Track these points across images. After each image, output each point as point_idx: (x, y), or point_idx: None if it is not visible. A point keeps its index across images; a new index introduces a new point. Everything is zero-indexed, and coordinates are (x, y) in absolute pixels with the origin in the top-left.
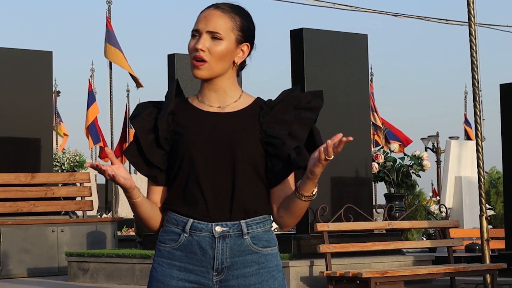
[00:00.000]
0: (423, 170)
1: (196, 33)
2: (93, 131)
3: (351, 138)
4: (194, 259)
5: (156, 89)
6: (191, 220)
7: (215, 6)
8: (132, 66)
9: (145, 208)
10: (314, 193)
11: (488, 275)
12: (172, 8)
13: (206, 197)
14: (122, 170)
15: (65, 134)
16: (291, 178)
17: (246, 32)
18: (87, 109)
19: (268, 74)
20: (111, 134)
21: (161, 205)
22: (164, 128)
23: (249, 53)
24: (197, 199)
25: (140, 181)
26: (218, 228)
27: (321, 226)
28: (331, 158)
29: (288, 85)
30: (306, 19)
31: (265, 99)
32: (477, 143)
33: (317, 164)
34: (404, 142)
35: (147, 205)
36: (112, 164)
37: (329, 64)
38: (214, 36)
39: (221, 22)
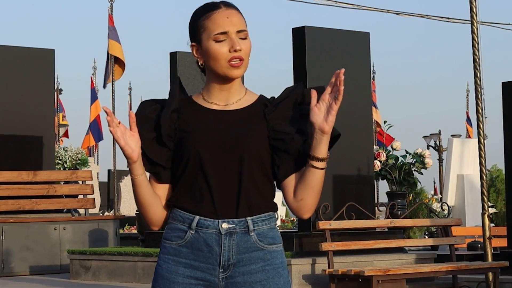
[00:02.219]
0: (425, 168)
1: (223, 36)
2: (94, 129)
3: (343, 70)
4: (200, 256)
5: (158, 87)
6: (198, 217)
7: (225, 5)
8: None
9: (145, 190)
10: (329, 155)
11: (490, 273)
12: (174, 6)
13: (213, 194)
14: (134, 139)
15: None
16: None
17: None
18: (90, 106)
19: (270, 72)
20: None
21: (166, 202)
22: (167, 126)
23: None
24: (204, 196)
25: None
26: (224, 225)
27: (323, 224)
28: (340, 99)
29: (290, 83)
30: (308, 17)
31: (268, 97)
32: (479, 141)
33: (330, 113)
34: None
35: (148, 188)
36: (130, 129)
37: (331, 62)
38: (242, 34)
39: (242, 20)
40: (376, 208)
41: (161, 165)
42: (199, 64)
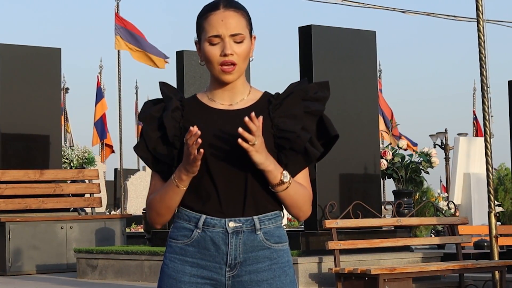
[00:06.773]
0: (432, 167)
1: (216, 39)
2: (99, 127)
3: (252, 114)
4: (207, 255)
5: None
6: (204, 216)
7: (224, 6)
8: (140, 63)
9: (179, 199)
10: (282, 179)
11: (496, 272)
12: (180, 5)
13: (220, 193)
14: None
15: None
16: (304, 173)
17: (251, 25)
18: (95, 105)
19: (277, 71)
20: (120, 130)
21: None
22: (172, 125)
23: None
24: (210, 195)
25: (148, 178)
26: (231, 224)
27: (330, 223)
28: (253, 142)
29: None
30: (315, 16)
31: (272, 93)
32: (485, 140)
33: (250, 155)
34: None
35: (180, 197)
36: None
37: (338, 61)
38: (237, 38)
39: (239, 22)
40: (382, 206)
41: (167, 163)
42: (199, 61)
